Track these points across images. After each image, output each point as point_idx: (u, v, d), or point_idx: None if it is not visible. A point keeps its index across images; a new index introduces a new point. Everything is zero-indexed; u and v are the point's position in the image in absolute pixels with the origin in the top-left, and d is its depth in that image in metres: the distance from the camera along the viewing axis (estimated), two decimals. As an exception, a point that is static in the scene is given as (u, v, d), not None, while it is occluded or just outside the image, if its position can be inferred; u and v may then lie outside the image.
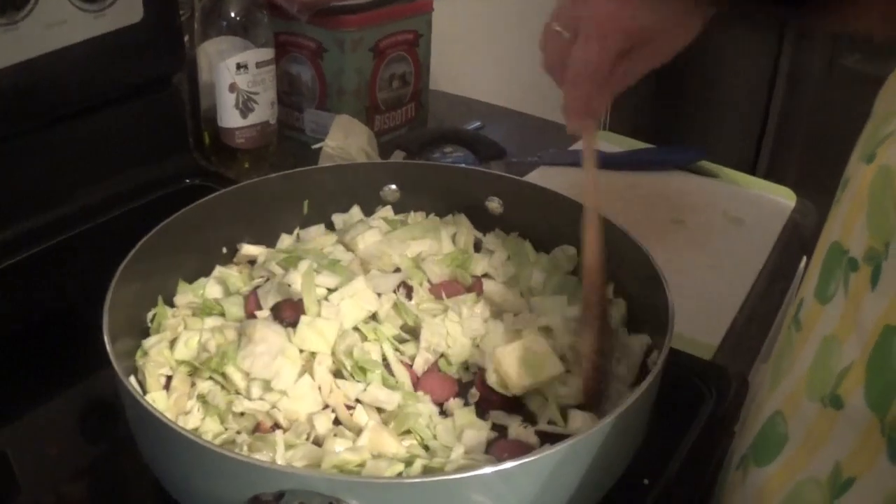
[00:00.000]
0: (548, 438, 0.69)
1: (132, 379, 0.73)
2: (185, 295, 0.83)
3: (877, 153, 0.57)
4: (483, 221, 0.95)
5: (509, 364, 0.73)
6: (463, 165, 1.06)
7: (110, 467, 0.77)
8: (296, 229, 0.94)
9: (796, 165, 2.40)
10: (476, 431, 0.70)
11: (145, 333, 0.79)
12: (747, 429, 0.71)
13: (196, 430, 0.70)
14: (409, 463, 0.65)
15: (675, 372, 0.69)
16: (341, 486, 0.54)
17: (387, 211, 0.96)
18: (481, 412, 0.74)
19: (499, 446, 0.69)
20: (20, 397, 0.81)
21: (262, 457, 0.64)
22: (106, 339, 0.65)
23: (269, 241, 0.92)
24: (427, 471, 0.65)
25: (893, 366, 0.53)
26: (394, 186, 0.96)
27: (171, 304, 0.83)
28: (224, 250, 0.90)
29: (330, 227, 0.95)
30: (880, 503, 0.54)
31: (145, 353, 0.76)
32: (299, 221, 0.94)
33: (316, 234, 0.93)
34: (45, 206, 1.03)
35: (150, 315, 0.80)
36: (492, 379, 0.74)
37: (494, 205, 0.94)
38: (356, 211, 0.95)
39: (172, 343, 0.76)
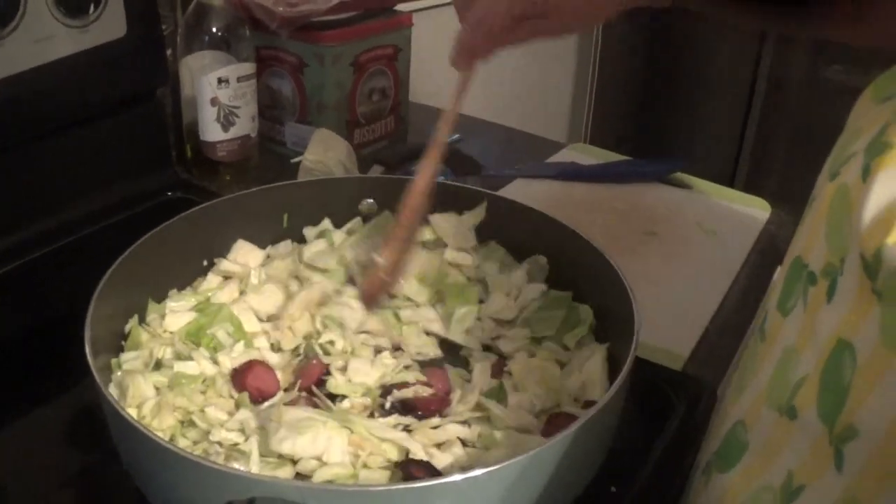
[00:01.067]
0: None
1: (112, 388, 0.74)
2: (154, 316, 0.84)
3: (840, 171, 0.59)
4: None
5: None
6: (440, 180, 1.07)
7: (96, 476, 0.77)
8: (268, 246, 0.96)
9: (776, 177, 2.42)
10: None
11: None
12: (712, 436, 0.72)
13: (173, 436, 0.72)
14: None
15: (644, 381, 0.70)
16: (308, 492, 0.55)
17: (356, 223, 0.97)
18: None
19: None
20: (5, 408, 0.82)
21: (239, 465, 0.66)
22: (88, 350, 0.67)
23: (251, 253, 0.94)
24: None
25: (843, 379, 0.54)
26: (371, 200, 0.97)
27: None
28: (204, 262, 0.91)
29: (302, 240, 0.97)
30: None
31: (120, 367, 0.77)
32: (279, 235, 0.96)
33: (284, 250, 0.95)
34: (28, 220, 1.04)
35: (126, 327, 0.82)
36: None
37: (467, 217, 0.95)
38: (325, 223, 0.97)
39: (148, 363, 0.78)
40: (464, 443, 0.73)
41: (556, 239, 0.89)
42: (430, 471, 0.66)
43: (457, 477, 0.57)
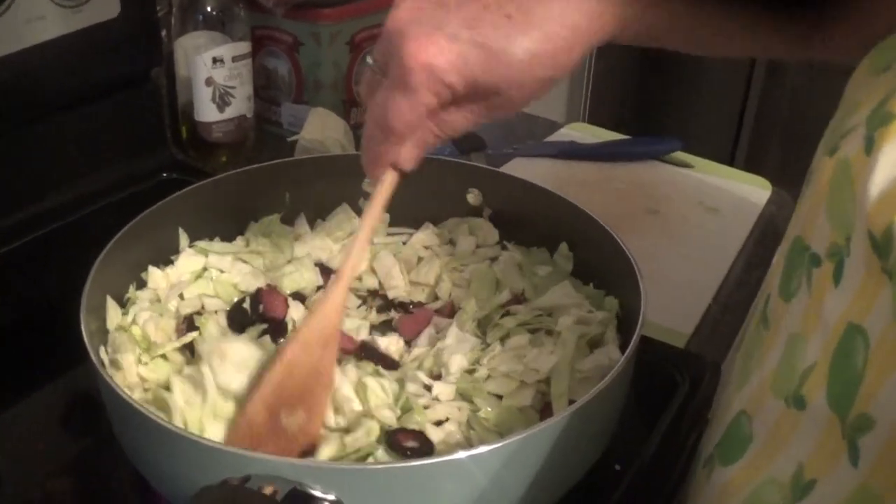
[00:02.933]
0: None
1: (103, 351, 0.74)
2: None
3: (840, 145, 0.56)
4: (463, 213, 0.95)
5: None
6: (443, 157, 1.06)
7: (94, 461, 0.77)
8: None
9: (775, 155, 2.41)
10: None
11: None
12: (715, 427, 0.71)
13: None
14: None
15: (648, 360, 0.70)
16: (304, 471, 0.54)
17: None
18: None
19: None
20: (2, 393, 0.81)
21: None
22: (84, 332, 0.66)
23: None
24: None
25: (855, 365, 0.51)
26: None
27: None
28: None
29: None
30: None
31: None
32: (281, 214, 0.94)
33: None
34: (23, 202, 1.04)
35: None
36: None
37: (473, 196, 0.94)
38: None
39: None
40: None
41: (560, 217, 0.87)
42: (420, 441, 0.65)
43: (461, 454, 0.56)
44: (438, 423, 0.68)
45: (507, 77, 0.59)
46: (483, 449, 0.56)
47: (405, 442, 0.64)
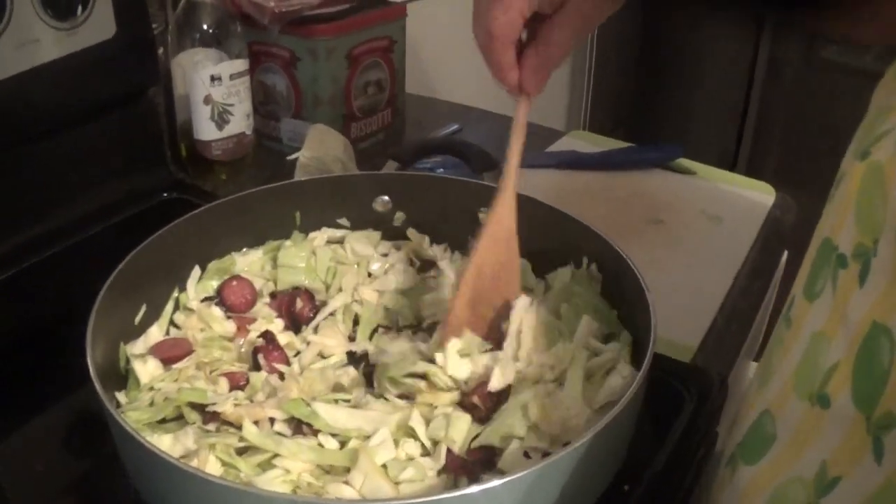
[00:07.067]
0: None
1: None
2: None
3: (871, 150, 0.57)
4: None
5: None
6: (452, 176, 1.05)
7: (98, 483, 0.77)
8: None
9: (776, 158, 2.41)
10: None
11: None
12: (736, 427, 0.71)
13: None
14: None
15: (654, 375, 0.69)
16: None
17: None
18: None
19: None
20: (5, 416, 0.81)
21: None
22: (89, 362, 0.66)
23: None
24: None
25: (880, 363, 0.52)
26: (386, 198, 0.95)
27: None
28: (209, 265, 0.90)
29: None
30: (865, 503, 0.54)
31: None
32: (289, 234, 0.94)
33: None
34: (23, 225, 1.03)
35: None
36: None
37: (485, 216, 0.93)
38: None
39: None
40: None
41: (565, 233, 0.87)
42: None
43: (473, 489, 0.55)
44: None
45: None
46: (496, 483, 0.55)
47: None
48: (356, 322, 0.87)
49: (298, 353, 0.83)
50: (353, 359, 0.83)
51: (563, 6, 0.69)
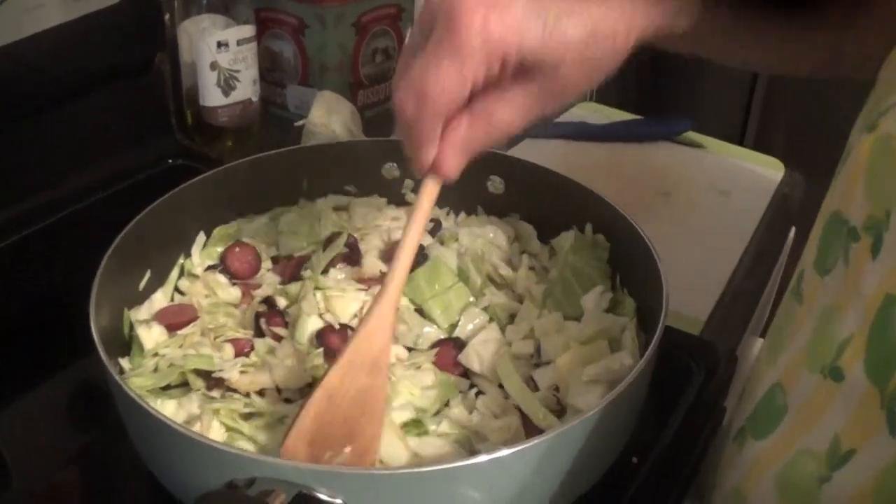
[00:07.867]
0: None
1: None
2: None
3: (878, 123, 0.57)
4: (484, 202, 0.94)
5: None
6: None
7: (101, 453, 0.77)
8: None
9: (784, 133, 2.39)
10: None
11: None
12: (745, 401, 0.71)
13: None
14: None
15: (663, 348, 0.68)
16: (310, 475, 0.54)
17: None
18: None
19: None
20: (7, 386, 0.81)
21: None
22: (93, 327, 0.65)
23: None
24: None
25: (894, 336, 0.52)
26: (394, 164, 0.95)
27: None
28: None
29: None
30: (878, 475, 0.54)
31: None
32: (296, 200, 0.93)
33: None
34: (29, 192, 1.03)
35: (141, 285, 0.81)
36: None
37: (495, 184, 0.93)
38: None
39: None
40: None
41: (578, 204, 0.86)
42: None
43: (482, 458, 0.54)
44: None
45: (563, 54, 0.55)
46: (504, 452, 0.55)
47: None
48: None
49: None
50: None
51: (526, 75, 0.56)
